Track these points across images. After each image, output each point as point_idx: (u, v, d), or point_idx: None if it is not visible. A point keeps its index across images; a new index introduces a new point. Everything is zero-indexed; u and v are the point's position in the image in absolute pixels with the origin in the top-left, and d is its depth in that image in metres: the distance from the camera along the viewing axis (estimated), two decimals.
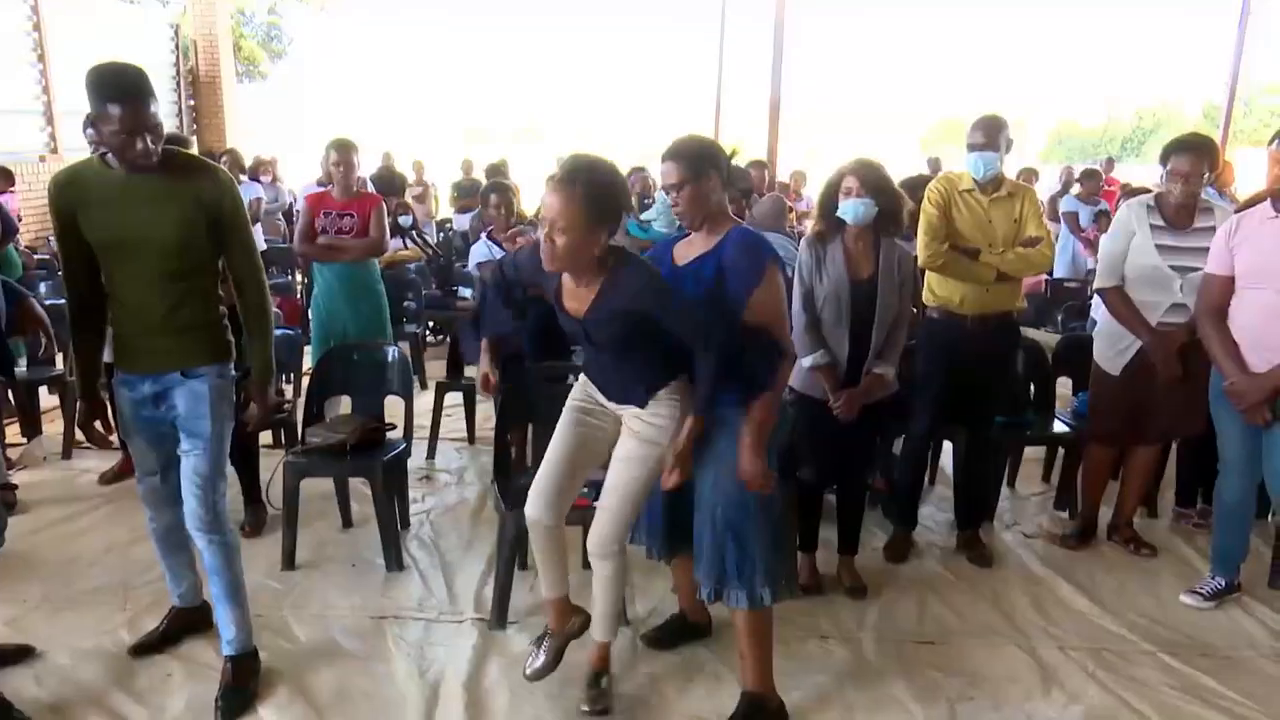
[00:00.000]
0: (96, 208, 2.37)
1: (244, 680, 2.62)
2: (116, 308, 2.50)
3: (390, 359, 3.89)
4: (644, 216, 6.00)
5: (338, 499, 3.83)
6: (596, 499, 3.01)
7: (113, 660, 2.78)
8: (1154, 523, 4.06)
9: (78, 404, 2.67)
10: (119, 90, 2.25)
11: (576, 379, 2.64)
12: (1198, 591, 3.32)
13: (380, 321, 4.69)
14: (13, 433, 4.75)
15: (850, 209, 3.04)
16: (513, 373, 3.33)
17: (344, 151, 4.52)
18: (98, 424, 2.72)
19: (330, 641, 2.95)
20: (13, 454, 4.51)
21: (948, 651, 2.98)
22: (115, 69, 2.30)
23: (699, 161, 2.35)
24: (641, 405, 2.41)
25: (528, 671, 2.61)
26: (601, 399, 2.52)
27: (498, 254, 4.76)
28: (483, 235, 4.99)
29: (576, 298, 2.34)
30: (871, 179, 3.04)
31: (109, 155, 2.36)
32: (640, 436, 2.42)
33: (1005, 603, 3.30)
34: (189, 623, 2.91)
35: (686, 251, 2.47)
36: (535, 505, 2.51)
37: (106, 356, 2.64)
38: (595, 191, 2.18)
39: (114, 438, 2.86)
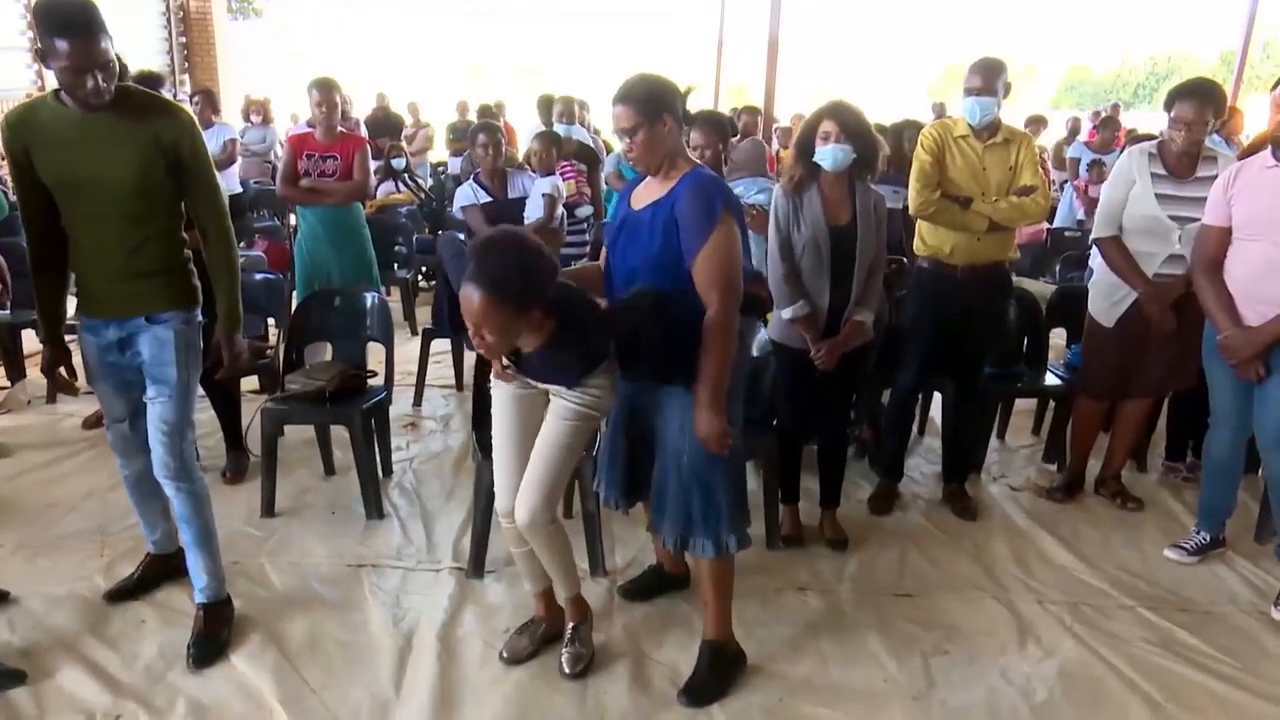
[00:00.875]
0: (50, 147, 2.29)
1: (216, 628, 2.61)
2: (77, 251, 2.44)
3: (370, 304, 3.83)
4: None
5: (319, 446, 3.81)
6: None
7: (86, 606, 2.77)
8: (1143, 477, 4.03)
9: (42, 349, 2.62)
10: (67, 25, 2.15)
11: None
12: (1181, 546, 3.30)
13: (365, 266, 4.62)
14: None
15: (829, 154, 2.96)
16: None
17: (326, 91, 4.40)
18: (62, 370, 2.66)
19: (306, 589, 2.94)
20: None
21: (925, 604, 2.96)
22: (64, 1, 2.19)
23: (651, 104, 2.24)
24: (570, 386, 2.34)
25: (504, 653, 2.59)
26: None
27: (483, 197, 4.68)
28: (469, 178, 4.90)
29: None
30: (850, 124, 2.96)
31: (62, 92, 2.26)
32: (573, 400, 2.33)
33: (986, 556, 3.29)
34: (164, 569, 2.89)
35: (644, 195, 2.38)
36: (503, 499, 2.45)
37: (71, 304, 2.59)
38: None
39: (79, 383, 2.78)
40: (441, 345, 4.98)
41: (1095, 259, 3.68)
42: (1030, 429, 4.50)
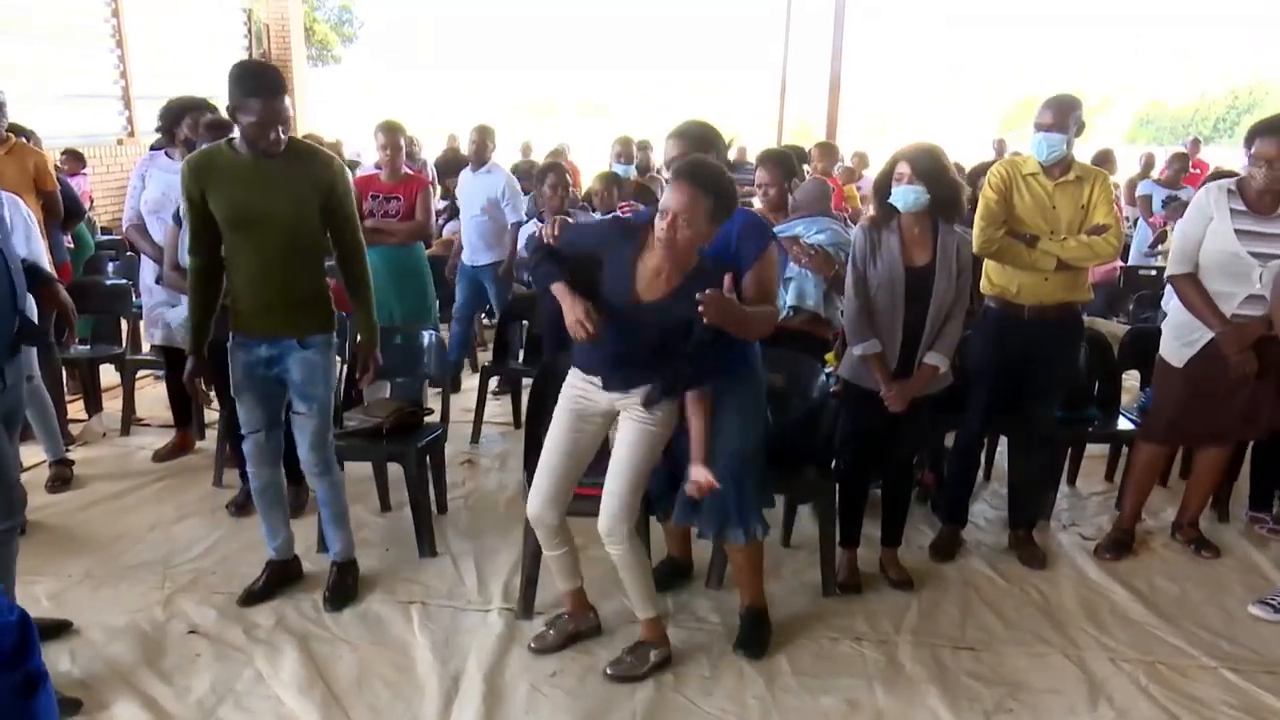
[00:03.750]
0: (225, 187, 2.65)
1: (346, 579, 3.10)
2: (238, 279, 2.78)
3: (428, 343, 3.88)
4: None
5: (376, 483, 3.84)
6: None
7: (144, 638, 2.83)
8: (1224, 527, 3.82)
9: (187, 360, 2.89)
10: (260, 86, 2.54)
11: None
12: (1268, 603, 3.11)
13: (425, 305, 4.70)
14: (75, 409, 4.91)
15: (901, 196, 2.93)
16: (546, 360, 3.32)
17: (390, 134, 4.52)
18: (200, 381, 2.94)
19: (357, 626, 2.95)
20: (74, 430, 4.65)
21: (989, 659, 2.84)
22: (258, 67, 2.65)
23: (701, 141, 2.51)
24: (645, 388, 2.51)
25: (533, 644, 2.78)
26: (597, 394, 2.56)
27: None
28: (534, 219, 4.96)
29: (651, 287, 2.40)
30: (923, 165, 2.91)
31: (235, 140, 2.67)
32: (645, 422, 2.52)
33: (1055, 608, 3.14)
34: (285, 575, 3.15)
35: None
36: (536, 504, 2.63)
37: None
38: (716, 190, 2.30)
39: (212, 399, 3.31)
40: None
41: (1170, 299, 3.54)
42: (1103, 475, 4.31)
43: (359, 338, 3.00)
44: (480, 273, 5.36)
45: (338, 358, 3.02)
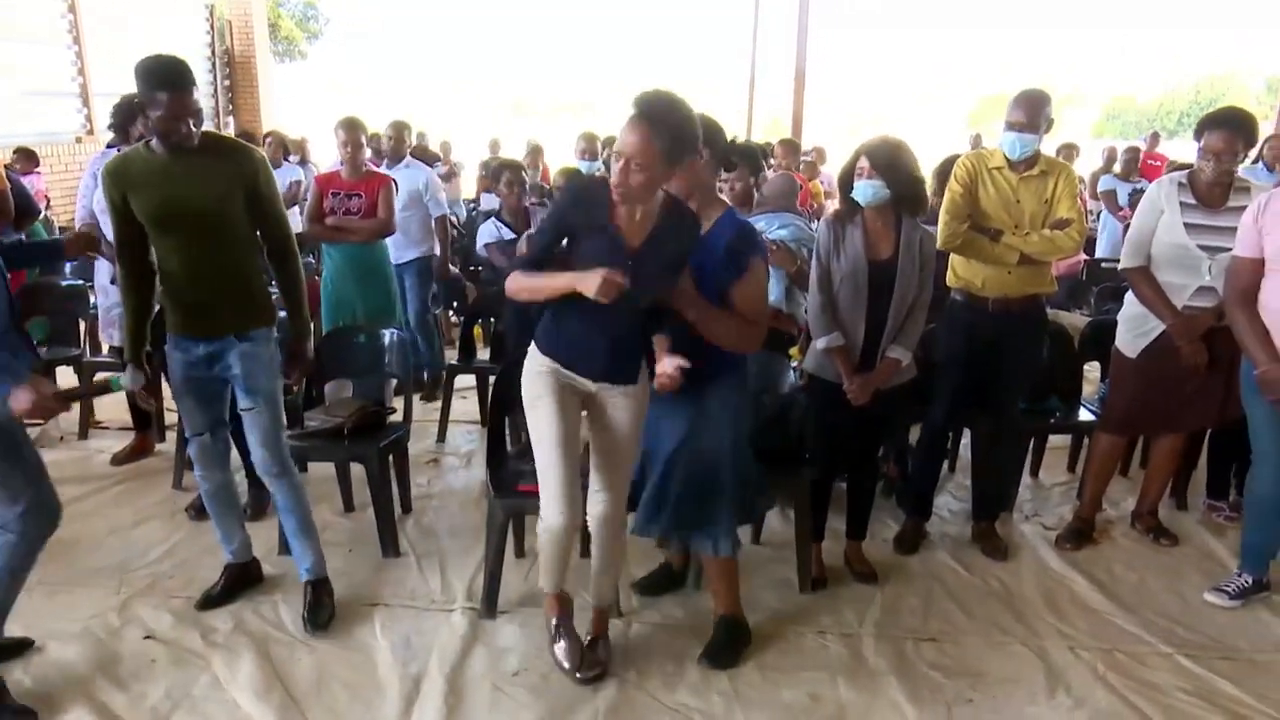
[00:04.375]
0: (145, 189, 2.60)
1: (323, 599, 2.95)
2: (169, 279, 2.71)
3: (390, 341, 3.84)
4: None
5: (339, 483, 3.81)
6: None
7: (99, 645, 2.78)
8: (1183, 515, 3.87)
9: (126, 369, 2.81)
10: (165, 79, 2.48)
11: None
12: (1223, 589, 3.16)
13: (389, 303, 4.66)
14: None
15: (861, 190, 2.94)
16: (511, 356, 3.29)
17: (351, 131, 4.47)
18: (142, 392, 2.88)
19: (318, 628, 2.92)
20: (30, 433, 4.56)
21: (950, 649, 2.86)
22: (163, 60, 2.52)
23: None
24: (634, 381, 2.44)
25: (579, 675, 2.59)
26: (574, 377, 2.44)
27: (506, 235, 4.70)
28: (492, 218, 4.94)
29: (637, 232, 2.29)
30: (883, 160, 2.92)
31: (153, 141, 2.61)
32: (631, 412, 2.46)
33: (1016, 598, 3.17)
34: (244, 577, 3.10)
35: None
36: (560, 510, 2.42)
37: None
38: (671, 131, 2.15)
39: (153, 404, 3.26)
40: (466, 380, 4.99)
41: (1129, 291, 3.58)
42: (1065, 466, 4.36)
43: (290, 334, 2.93)
44: (404, 270, 5.10)
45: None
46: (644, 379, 2.47)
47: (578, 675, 2.59)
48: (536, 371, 2.46)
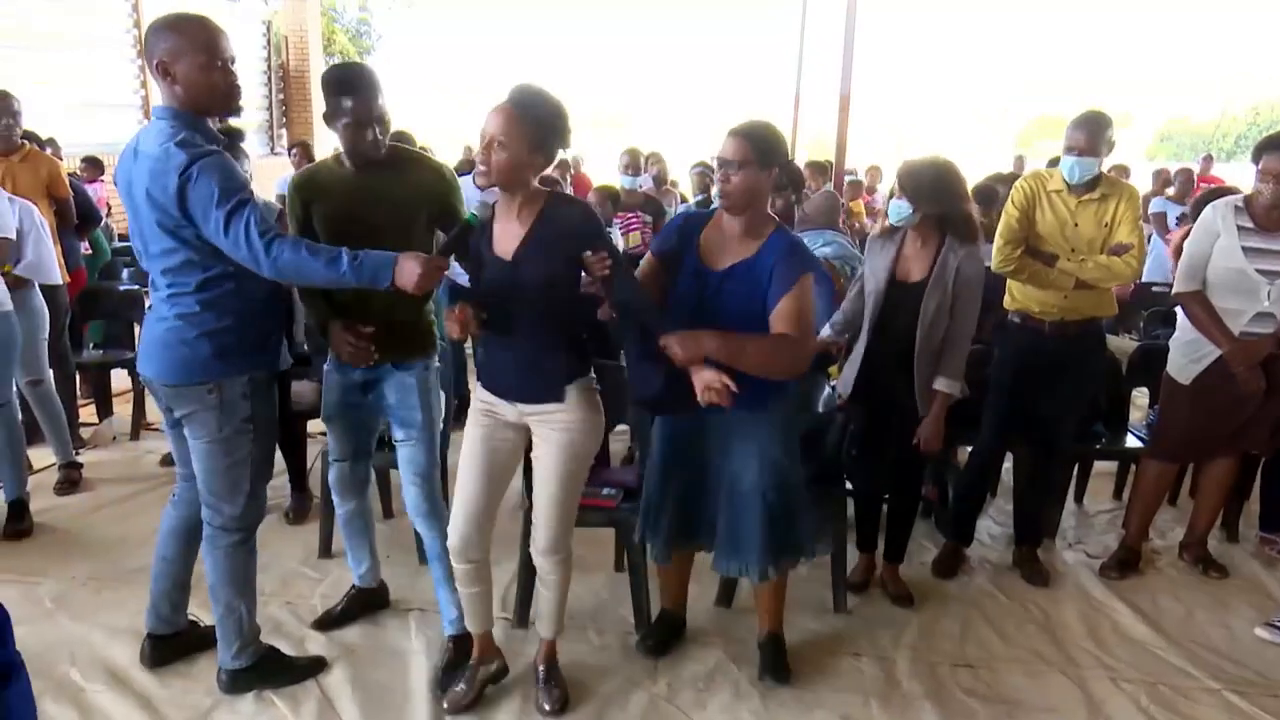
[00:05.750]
0: (328, 202, 2.51)
1: (462, 656, 2.70)
2: (339, 298, 2.57)
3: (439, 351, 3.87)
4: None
5: (379, 489, 3.85)
6: (622, 498, 2.99)
7: (141, 641, 2.83)
8: (1233, 548, 3.77)
9: (330, 332, 2.62)
10: (351, 85, 2.41)
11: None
12: (1275, 625, 3.07)
13: (436, 312, 4.70)
14: (87, 413, 4.96)
15: (892, 209, 2.97)
16: None
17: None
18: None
19: (355, 632, 2.95)
20: (84, 433, 4.70)
21: (987, 677, 2.81)
22: (347, 67, 2.49)
23: (763, 144, 2.30)
24: (558, 399, 2.31)
25: (446, 704, 2.56)
26: (504, 407, 2.39)
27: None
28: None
29: (507, 236, 2.25)
30: (911, 181, 2.91)
31: (341, 155, 2.52)
32: (560, 444, 2.34)
33: (1057, 626, 3.11)
34: (367, 602, 3.06)
35: (722, 251, 2.39)
36: (455, 537, 2.45)
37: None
38: (538, 115, 2.16)
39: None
40: None
41: (1181, 315, 3.51)
42: (1111, 493, 4.27)
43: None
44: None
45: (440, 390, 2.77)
46: (579, 408, 2.34)
47: (444, 706, 2.55)
48: (473, 402, 2.47)
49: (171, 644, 2.71)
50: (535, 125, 2.15)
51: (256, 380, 2.38)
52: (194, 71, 2.17)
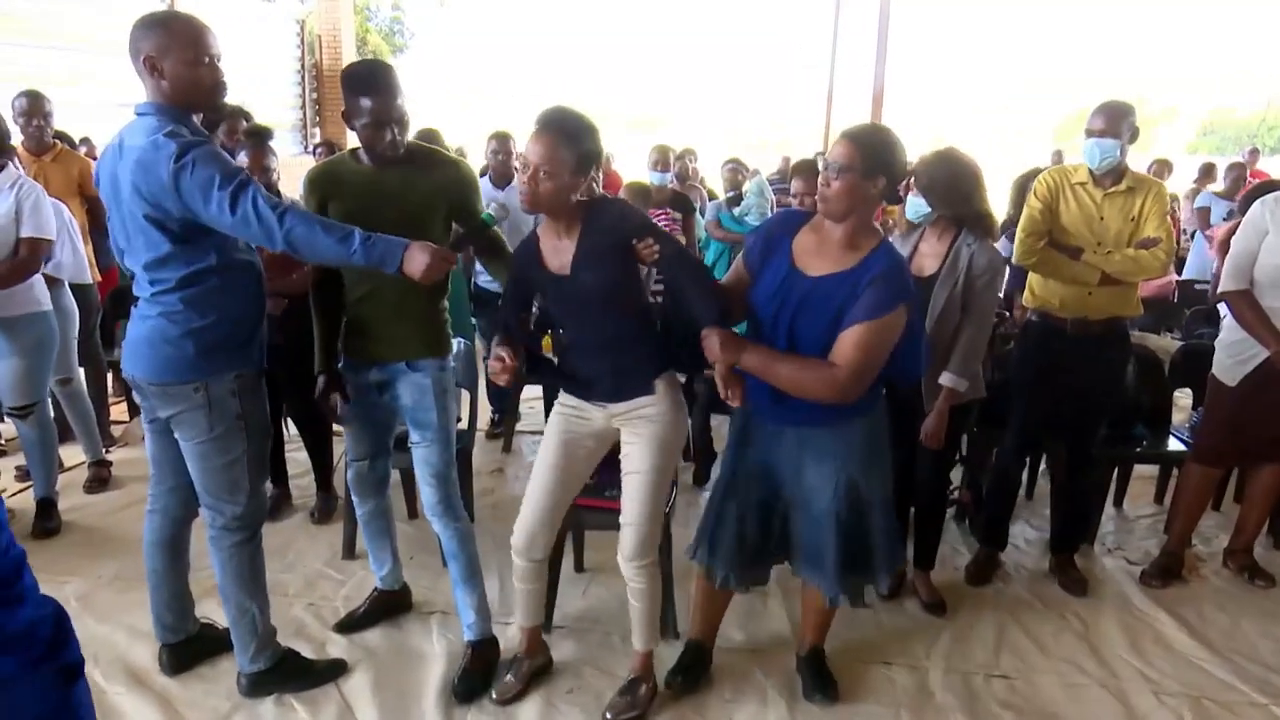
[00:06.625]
0: (346, 199, 2.45)
1: (482, 665, 2.67)
2: (353, 295, 2.56)
3: (457, 350, 3.84)
4: (737, 211, 5.84)
5: (403, 489, 3.83)
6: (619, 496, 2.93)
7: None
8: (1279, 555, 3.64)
9: (318, 379, 2.66)
10: (370, 84, 2.36)
11: None
12: None
13: (460, 313, 4.68)
14: (118, 411, 5.00)
15: (908, 205, 2.92)
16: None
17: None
18: (336, 396, 2.66)
19: (377, 634, 2.93)
20: (115, 431, 4.73)
21: (1023, 688, 2.72)
22: (367, 65, 2.44)
23: (873, 149, 2.16)
24: (649, 391, 2.34)
25: (494, 694, 2.59)
26: (588, 407, 2.43)
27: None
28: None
29: (559, 253, 2.29)
30: (925, 177, 2.84)
31: (360, 151, 2.48)
32: (651, 438, 2.36)
33: (1096, 636, 3.01)
34: (390, 604, 3.03)
35: (818, 259, 2.23)
36: (521, 537, 2.50)
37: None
38: (578, 138, 2.17)
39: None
40: (534, 390, 5.00)
41: (1226, 315, 3.39)
42: (1152, 497, 4.15)
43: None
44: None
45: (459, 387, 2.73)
46: (667, 398, 2.36)
47: (492, 696, 2.59)
48: (556, 404, 2.52)
49: (188, 649, 2.70)
50: (576, 149, 2.16)
51: (244, 378, 2.36)
52: (181, 68, 2.16)
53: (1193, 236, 7.34)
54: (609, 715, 2.51)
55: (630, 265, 2.27)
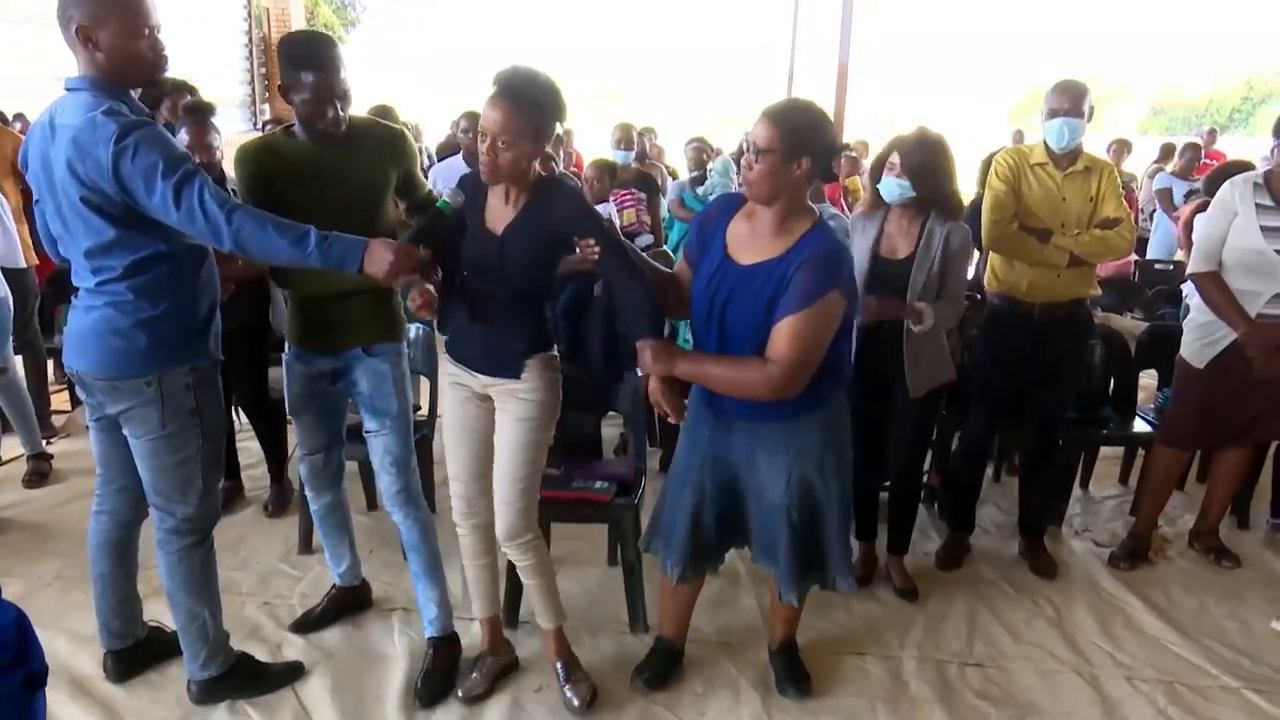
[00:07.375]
0: (281, 180, 2.31)
1: (445, 664, 2.57)
2: (298, 282, 2.43)
3: (414, 336, 3.72)
4: (701, 191, 5.75)
5: (362, 481, 3.71)
6: (616, 492, 2.85)
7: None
8: (1245, 535, 3.66)
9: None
10: (311, 58, 2.22)
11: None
12: None
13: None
14: (60, 400, 4.79)
15: (887, 187, 2.82)
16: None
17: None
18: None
19: (334, 634, 2.82)
20: (56, 422, 4.53)
21: (997, 676, 2.70)
22: (306, 36, 2.30)
23: (796, 129, 2.03)
24: (516, 375, 2.25)
25: (460, 693, 2.51)
26: (468, 378, 2.34)
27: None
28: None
29: (498, 215, 2.20)
30: (915, 160, 2.76)
31: (294, 127, 2.34)
32: (519, 416, 2.28)
33: (1068, 622, 3.00)
34: (349, 601, 2.91)
35: (751, 248, 2.14)
36: (460, 501, 2.42)
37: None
38: (535, 102, 2.07)
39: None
40: None
41: (1193, 297, 3.38)
42: (1117, 478, 4.16)
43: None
44: None
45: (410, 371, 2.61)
46: (537, 379, 2.26)
47: (458, 694, 2.51)
48: (442, 378, 2.43)
49: (134, 655, 2.56)
50: (534, 115, 2.07)
51: (200, 370, 2.22)
52: (118, 39, 1.99)
53: (1151, 217, 7.40)
54: (576, 703, 2.46)
55: (555, 259, 2.23)
